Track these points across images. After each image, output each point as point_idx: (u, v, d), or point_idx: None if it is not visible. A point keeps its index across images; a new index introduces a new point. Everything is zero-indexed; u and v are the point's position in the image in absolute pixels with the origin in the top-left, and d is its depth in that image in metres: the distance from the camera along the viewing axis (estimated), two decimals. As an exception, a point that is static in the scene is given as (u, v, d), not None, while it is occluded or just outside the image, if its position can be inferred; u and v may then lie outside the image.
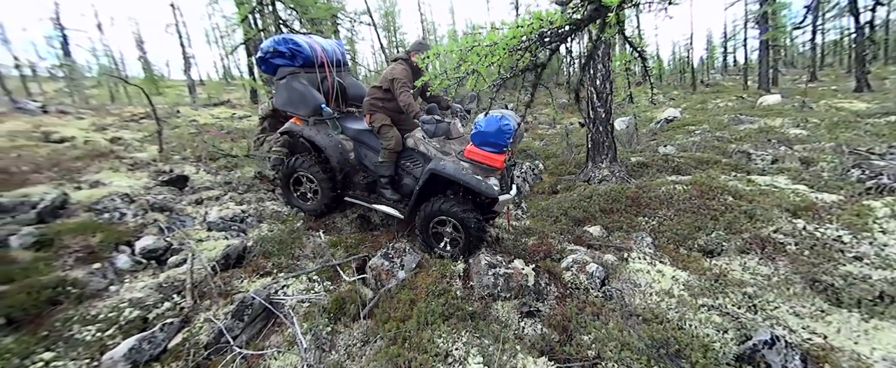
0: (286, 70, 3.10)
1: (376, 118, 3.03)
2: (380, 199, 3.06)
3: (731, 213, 3.41)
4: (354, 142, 3.17)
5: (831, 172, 4.73)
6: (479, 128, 2.63)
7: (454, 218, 2.73)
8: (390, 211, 2.99)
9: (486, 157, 2.65)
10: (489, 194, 2.67)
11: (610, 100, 5.13)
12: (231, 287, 2.45)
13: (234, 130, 6.35)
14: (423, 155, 2.97)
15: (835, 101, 9.64)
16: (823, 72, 19.96)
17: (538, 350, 2.14)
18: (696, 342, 2.04)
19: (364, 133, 3.16)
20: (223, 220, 3.17)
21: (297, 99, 3.07)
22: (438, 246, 2.89)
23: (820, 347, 2.08)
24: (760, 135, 6.41)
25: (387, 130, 2.98)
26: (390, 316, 2.32)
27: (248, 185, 4.01)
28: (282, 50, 3.07)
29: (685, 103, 11.97)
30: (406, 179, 3.06)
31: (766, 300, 2.45)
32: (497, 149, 2.63)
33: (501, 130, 2.59)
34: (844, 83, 13.99)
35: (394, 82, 2.88)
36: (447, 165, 2.71)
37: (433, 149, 2.92)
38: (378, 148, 3.07)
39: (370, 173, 3.18)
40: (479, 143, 2.66)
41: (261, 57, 3.16)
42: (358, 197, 3.11)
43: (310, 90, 3.08)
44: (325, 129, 3.13)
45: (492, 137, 2.60)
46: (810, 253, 2.89)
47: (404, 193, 3.07)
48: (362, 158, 3.18)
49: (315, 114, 3.07)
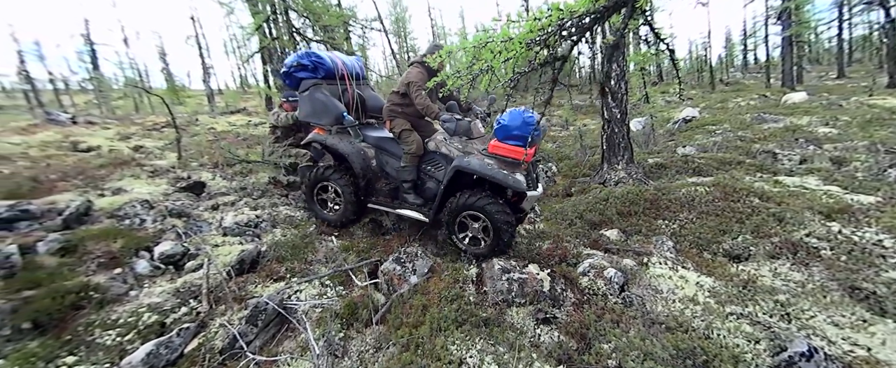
0: (309, 82, 3.19)
1: (396, 123, 3.05)
2: (403, 205, 3.07)
3: (759, 216, 3.24)
4: (375, 150, 3.22)
5: (866, 172, 4.47)
6: (502, 122, 2.61)
7: (483, 212, 2.67)
8: (415, 216, 2.99)
9: (512, 151, 2.61)
10: (517, 188, 2.62)
11: (625, 99, 5.01)
12: (245, 292, 2.47)
13: (249, 137, 6.50)
14: (445, 156, 2.97)
15: (866, 98, 9.16)
16: (851, 68, 19.06)
17: (555, 359, 2.06)
18: (725, 352, 1.92)
19: (384, 140, 3.20)
20: (238, 225, 3.21)
21: (319, 109, 3.16)
22: (463, 243, 2.85)
23: (864, 360, 1.93)
24: (786, 135, 6.12)
25: (408, 135, 2.99)
26: (403, 322, 2.29)
27: (263, 191, 4.08)
28: (305, 63, 3.18)
29: (704, 103, 11.60)
30: (429, 183, 3.07)
31: (801, 308, 2.30)
32: (522, 141, 2.59)
33: (525, 122, 2.56)
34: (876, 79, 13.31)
35: (409, 86, 2.89)
36: (472, 161, 2.68)
37: (455, 149, 2.92)
38: (399, 154, 3.09)
39: (392, 179, 3.20)
40: (503, 137, 2.62)
41: (285, 72, 3.27)
42: (381, 203, 3.13)
43: (332, 100, 3.16)
44: (347, 138, 3.19)
45: (516, 130, 2.57)
46: (848, 258, 2.70)
47: (427, 197, 3.06)
48: (384, 165, 3.21)
49: (337, 122, 3.13)
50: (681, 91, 2.59)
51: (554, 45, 1.43)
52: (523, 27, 1.40)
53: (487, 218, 2.67)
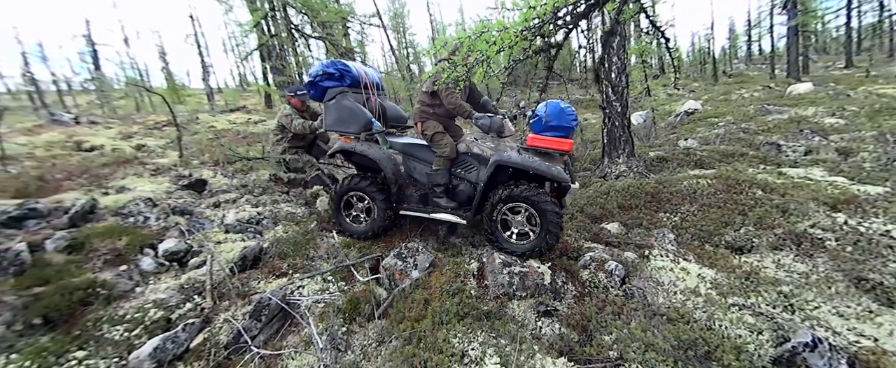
0: (335, 90, 3.16)
1: (428, 126, 3.01)
2: (437, 209, 3.02)
3: (762, 208, 3.22)
4: (403, 156, 3.20)
5: (874, 163, 4.41)
6: (540, 115, 2.58)
7: (528, 202, 2.59)
8: (451, 219, 2.94)
9: (553, 142, 2.57)
10: (561, 179, 2.55)
11: (626, 93, 4.96)
12: (248, 288, 2.49)
13: (249, 135, 6.52)
14: (477, 156, 2.94)
15: (875, 87, 9.02)
16: (860, 57, 18.75)
17: (557, 351, 2.06)
18: (727, 343, 1.92)
19: (412, 146, 3.17)
20: (240, 222, 3.24)
21: (347, 116, 3.12)
22: (506, 237, 2.74)
23: (870, 351, 1.91)
24: (791, 126, 6.05)
25: (440, 138, 2.95)
26: (405, 316, 2.30)
27: (264, 188, 4.10)
28: (331, 71, 3.16)
29: (706, 95, 11.48)
30: (461, 186, 3.03)
31: (805, 299, 2.29)
32: (563, 132, 2.56)
33: (565, 113, 2.54)
34: (884, 68, 13.10)
35: (438, 84, 2.81)
36: (512, 155, 2.64)
37: (488, 149, 2.90)
38: (427, 159, 3.06)
39: (421, 185, 3.18)
40: (541, 130, 2.59)
41: (310, 81, 3.25)
42: (414, 209, 3.08)
43: (359, 107, 3.12)
44: (375, 145, 3.15)
45: (555, 120, 2.54)
46: (854, 249, 2.68)
47: (460, 200, 3.02)
48: (412, 171, 3.19)
49: (365, 129, 3.09)
50: (676, 79, 2.57)
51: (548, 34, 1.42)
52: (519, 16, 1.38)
53: (534, 208, 2.58)
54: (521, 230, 2.69)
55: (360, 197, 3.11)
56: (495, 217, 2.70)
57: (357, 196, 3.12)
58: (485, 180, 2.71)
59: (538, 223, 2.60)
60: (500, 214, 2.69)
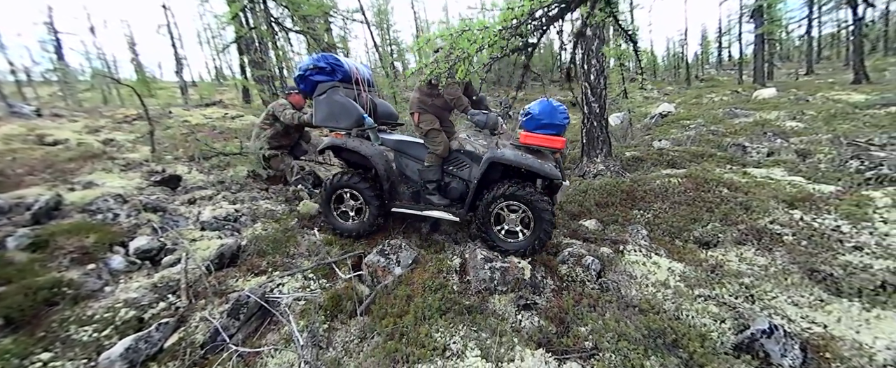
0: (326, 85, 3.09)
1: (425, 119, 2.96)
2: (429, 206, 3.00)
3: (727, 205, 3.41)
4: (395, 153, 3.16)
5: (829, 163, 4.74)
6: (532, 112, 2.60)
7: (523, 202, 2.61)
8: (444, 216, 2.93)
9: (546, 140, 2.60)
10: (553, 176, 2.58)
11: (604, 95, 5.12)
12: (226, 286, 2.44)
13: (226, 130, 6.32)
14: (470, 154, 2.93)
15: (832, 93, 9.66)
16: (820, 65, 20.01)
17: (535, 343, 2.13)
18: (692, 331, 2.04)
19: (404, 143, 3.14)
20: (216, 220, 3.15)
21: (338, 111, 3.05)
22: (500, 236, 2.75)
23: (820, 336, 2.08)
24: (756, 128, 6.41)
25: (435, 135, 2.93)
26: (387, 312, 2.32)
27: (241, 184, 3.99)
28: (321, 65, 3.08)
29: (680, 98, 11.98)
30: (453, 183, 3.02)
31: (764, 290, 2.45)
32: (554, 130, 2.59)
33: (556, 111, 2.57)
34: (841, 75, 14.03)
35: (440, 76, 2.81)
36: (506, 152, 2.64)
37: (481, 146, 2.91)
38: (419, 156, 3.03)
39: (412, 182, 3.15)
40: (534, 127, 2.61)
41: (300, 75, 3.16)
42: (406, 206, 3.05)
43: (350, 102, 3.07)
44: (366, 141, 3.11)
45: (547, 118, 2.57)
46: (808, 243, 2.89)
47: (453, 197, 3.01)
48: (403, 168, 3.16)
49: (357, 125, 3.04)
50: (643, 81, 2.69)
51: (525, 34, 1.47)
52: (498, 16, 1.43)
53: (529, 207, 2.59)
54: (514, 228, 2.70)
55: (351, 194, 3.06)
56: (489, 215, 2.69)
57: (348, 193, 3.07)
58: (478, 178, 2.72)
59: (532, 222, 2.63)
60: (494, 213, 2.69)
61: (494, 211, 2.69)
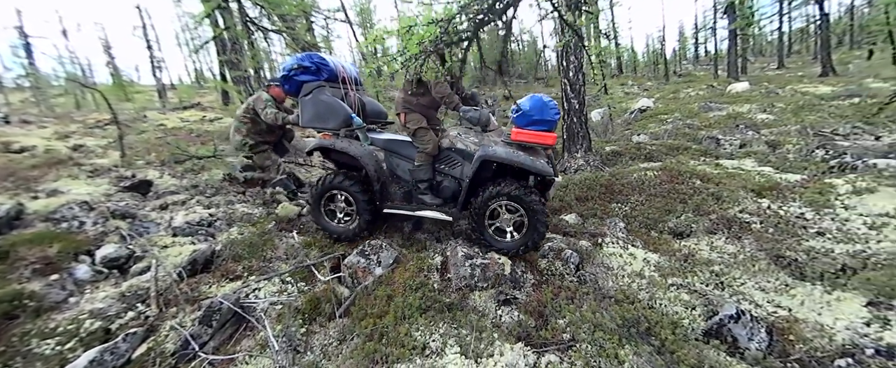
0: (312, 85, 3.01)
1: (412, 119, 2.90)
2: (421, 206, 2.95)
3: (700, 196, 3.52)
4: (385, 153, 3.10)
5: (797, 154, 4.94)
6: (523, 109, 2.57)
7: (517, 201, 2.56)
8: (437, 216, 2.89)
9: (537, 136, 2.57)
10: (545, 173, 2.55)
11: (583, 91, 5.20)
12: (199, 293, 2.37)
13: (203, 133, 6.14)
14: (461, 152, 2.89)
15: (800, 86, 10.06)
16: (791, 59, 20.81)
17: (515, 337, 2.15)
18: (665, 319, 2.09)
19: (394, 142, 3.08)
20: (189, 225, 3.06)
21: (325, 112, 2.97)
22: (494, 236, 2.70)
23: (785, 319, 2.16)
24: (729, 121, 6.63)
25: (423, 133, 2.88)
26: (367, 313, 2.30)
27: (217, 188, 3.88)
28: (306, 65, 3.00)
29: (658, 93, 12.28)
30: (445, 182, 2.97)
31: (733, 277, 2.53)
32: (546, 126, 2.57)
33: (547, 106, 2.55)
34: (810, 69, 14.63)
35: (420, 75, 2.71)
36: (497, 150, 2.60)
37: (472, 144, 2.85)
38: (410, 156, 2.98)
39: (404, 182, 3.10)
40: (525, 124, 2.58)
41: (284, 76, 3.06)
42: (398, 207, 3.00)
43: (338, 102, 3.00)
44: (355, 142, 3.03)
45: (538, 114, 2.55)
46: (774, 230, 3.00)
47: (445, 196, 2.96)
48: (394, 168, 3.10)
49: (346, 125, 2.97)
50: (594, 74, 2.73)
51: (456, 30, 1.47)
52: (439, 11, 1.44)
53: (523, 207, 2.56)
54: (508, 228, 2.67)
55: (342, 196, 3.00)
56: (483, 216, 2.65)
57: (338, 195, 3.01)
58: (470, 176, 2.68)
59: (526, 221, 2.61)
60: (487, 213, 2.65)
61: (488, 212, 2.65)
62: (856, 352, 1.84)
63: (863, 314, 2.12)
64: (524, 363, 1.94)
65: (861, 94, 7.75)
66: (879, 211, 3.01)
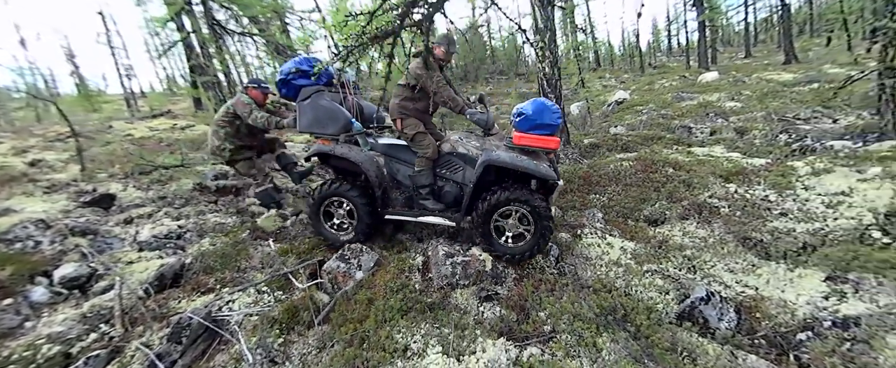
0: (310, 89, 2.92)
1: (409, 124, 2.82)
2: (423, 212, 2.90)
3: (672, 183, 3.62)
4: (385, 158, 3.03)
5: (762, 139, 5.15)
6: (525, 113, 2.54)
7: (524, 205, 2.53)
8: (440, 222, 2.83)
9: (540, 140, 2.55)
10: (549, 177, 2.51)
11: (559, 85, 5.27)
12: (167, 309, 2.27)
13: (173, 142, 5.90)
14: (462, 156, 2.85)
15: (766, 74, 10.51)
16: (757, 48, 21.71)
17: (497, 332, 2.15)
18: (640, 305, 2.14)
19: (394, 147, 3.02)
20: (157, 238, 2.93)
21: (324, 117, 2.89)
22: (500, 241, 2.66)
23: (751, 298, 2.25)
24: (700, 110, 6.86)
25: (422, 138, 2.82)
26: (347, 319, 2.26)
27: (187, 198, 3.73)
28: (305, 69, 2.91)
29: (634, 85, 12.59)
30: (446, 186, 2.93)
31: (704, 260, 2.62)
32: (549, 130, 2.56)
33: (551, 110, 2.53)
34: (775, 57, 15.29)
35: (427, 78, 2.65)
36: (501, 155, 2.56)
37: (473, 148, 2.80)
38: (410, 160, 2.92)
39: (404, 188, 3.04)
40: (528, 128, 2.56)
41: (282, 80, 2.95)
42: (400, 213, 2.93)
43: (337, 107, 2.91)
44: (355, 147, 2.95)
45: (543, 119, 2.53)
46: (741, 213, 3.12)
47: (447, 201, 2.91)
48: (394, 173, 3.04)
49: (345, 130, 2.89)
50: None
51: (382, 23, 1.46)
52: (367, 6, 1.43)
53: (530, 212, 2.54)
54: (515, 233, 2.64)
55: (341, 203, 2.92)
56: (489, 222, 2.62)
57: (337, 202, 2.93)
58: (474, 181, 2.63)
59: (532, 226, 2.58)
60: (493, 220, 2.62)
61: (494, 218, 2.62)
62: (815, 325, 1.93)
63: (822, 288, 2.23)
64: (506, 357, 1.95)
65: (820, 80, 8.16)
66: (835, 191, 3.17)
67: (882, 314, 1.95)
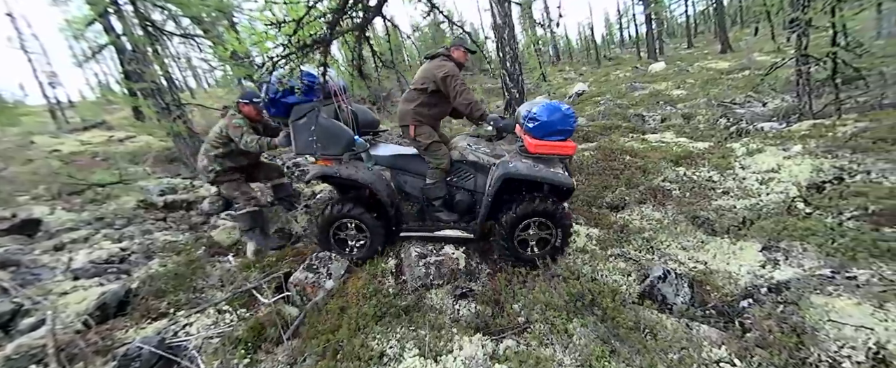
0: (305, 107, 2.65)
1: (423, 132, 2.66)
2: (439, 225, 2.77)
3: (630, 170, 3.84)
4: (391, 171, 2.85)
5: (705, 123, 5.59)
6: (540, 119, 2.45)
7: (547, 217, 2.51)
8: (458, 235, 2.72)
9: (556, 147, 2.50)
10: (569, 185, 2.49)
11: (521, 80, 5.37)
12: (112, 340, 2.06)
13: (111, 156, 5.34)
14: (474, 164, 2.73)
15: (706, 63, 11.41)
16: (697, 39, 23.51)
17: (473, 328, 2.17)
18: (606, 289, 2.25)
19: (399, 158, 2.84)
20: (95, 264, 2.64)
21: (324, 137, 2.64)
22: (527, 252, 2.63)
23: (702, 272, 2.44)
24: (651, 99, 7.31)
25: (437, 148, 2.66)
26: (318, 331, 2.18)
27: (130, 218, 3.39)
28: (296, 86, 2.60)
29: (592, 77, 13.20)
30: (459, 196, 2.79)
31: (660, 240, 2.80)
32: (565, 136, 2.51)
33: (567, 116, 2.47)
34: (713, 47, 16.63)
35: (448, 80, 2.51)
36: (518, 166, 2.49)
37: (483, 154, 2.69)
38: (417, 171, 2.77)
39: (414, 200, 2.88)
40: (543, 134, 2.48)
41: (271, 99, 2.66)
42: (415, 229, 2.78)
43: (337, 125, 2.68)
44: (360, 165, 2.74)
45: (559, 125, 2.47)
46: (690, 194, 3.37)
47: (460, 211, 2.79)
48: (402, 185, 2.86)
49: (349, 149, 2.68)
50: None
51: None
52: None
53: (552, 222, 2.52)
54: (534, 240, 2.63)
55: (351, 223, 2.76)
56: (513, 234, 2.57)
57: (348, 223, 2.76)
58: (492, 194, 2.56)
59: (554, 236, 2.58)
60: (517, 232, 2.58)
61: (518, 231, 2.58)
62: (754, 293, 2.13)
63: (759, 258, 2.47)
64: (483, 353, 1.97)
65: (750, 67, 9.00)
66: (767, 168, 3.52)
67: (806, 276, 2.19)
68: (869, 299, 1.92)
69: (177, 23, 5.72)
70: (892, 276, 2.06)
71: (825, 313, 1.89)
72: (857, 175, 3.03)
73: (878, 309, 1.86)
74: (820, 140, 3.67)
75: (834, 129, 3.81)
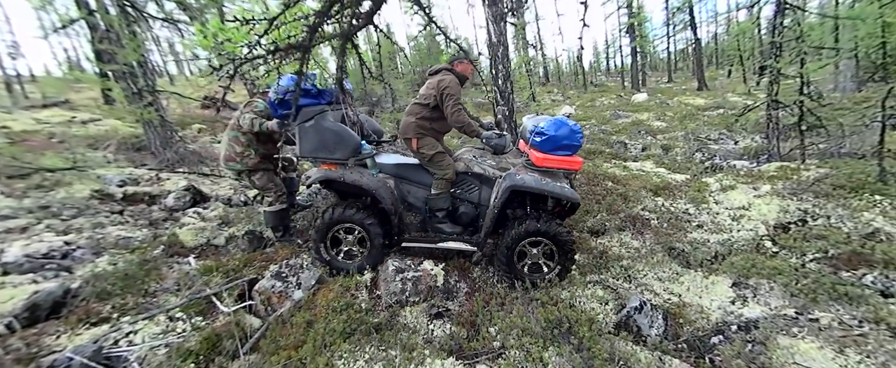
0: (313, 110, 2.61)
1: (426, 144, 2.66)
2: (442, 237, 2.72)
3: (611, 196, 3.90)
4: (395, 180, 2.78)
5: (683, 156, 5.82)
6: (547, 133, 2.45)
7: (549, 237, 2.48)
8: (461, 247, 2.67)
9: (564, 161, 2.49)
10: (575, 200, 2.49)
11: (512, 98, 5.44)
12: (39, 348, 1.82)
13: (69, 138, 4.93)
14: (478, 176, 2.71)
15: (684, 98, 12.02)
16: (676, 74, 24.90)
17: (446, 351, 2.08)
18: (583, 317, 2.22)
19: (404, 167, 2.79)
20: (30, 258, 2.37)
21: (332, 141, 2.62)
22: (527, 273, 2.59)
23: (676, 305, 2.46)
24: (633, 128, 7.58)
25: (441, 158, 2.64)
26: (280, 346, 2.03)
27: (80, 208, 3.10)
28: (306, 87, 2.58)
29: (578, 101, 13.63)
30: (462, 208, 2.76)
31: (638, 269, 2.82)
32: (572, 151, 2.50)
33: (574, 131, 2.47)
34: (690, 83, 17.62)
35: (445, 97, 2.55)
36: (526, 178, 2.47)
37: (488, 167, 2.66)
38: (422, 181, 2.74)
39: (416, 210, 2.83)
40: (550, 149, 2.48)
41: (280, 99, 2.63)
42: (417, 239, 2.73)
43: (345, 129, 2.65)
44: (364, 171, 2.68)
45: (566, 140, 2.46)
46: (668, 225, 3.45)
47: (463, 223, 2.75)
48: (405, 195, 2.82)
49: (355, 155, 2.64)
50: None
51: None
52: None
53: (553, 241, 2.49)
54: (537, 261, 2.61)
55: (351, 229, 2.68)
56: (513, 254, 2.55)
57: (347, 228, 2.69)
58: (499, 206, 2.54)
59: (557, 255, 2.56)
60: (517, 252, 2.56)
61: (517, 250, 2.56)
62: (725, 329, 2.16)
63: (729, 294, 2.52)
64: (454, 378, 1.88)
65: (724, 106, 9.54)
66: (738, 205, 3.66)
67: (774, 316, 2.24)
68: (830, 343, 1.98)
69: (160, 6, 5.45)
70: (850, 321, 2.14)
71: (791, 355, 1.92)
72: (818, 218, 3.20)
73: (838, 354, 1.92)
74: (786, 181, 3.87)
75: (799, 173, 4.03)
